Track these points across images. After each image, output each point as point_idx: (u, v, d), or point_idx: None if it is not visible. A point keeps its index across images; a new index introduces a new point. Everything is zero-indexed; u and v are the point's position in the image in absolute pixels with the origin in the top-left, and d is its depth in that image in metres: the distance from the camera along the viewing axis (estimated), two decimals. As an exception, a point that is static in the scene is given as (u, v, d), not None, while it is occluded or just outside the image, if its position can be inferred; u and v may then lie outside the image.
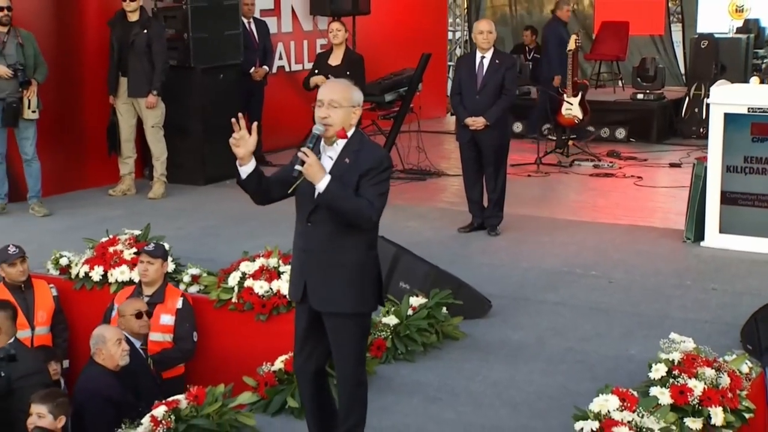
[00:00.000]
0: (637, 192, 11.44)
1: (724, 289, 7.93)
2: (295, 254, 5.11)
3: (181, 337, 7.51)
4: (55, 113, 10.84)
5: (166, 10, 11.49)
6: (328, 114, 4.88)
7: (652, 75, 14.79)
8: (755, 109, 8.72)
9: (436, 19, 17.05)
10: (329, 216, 4.85)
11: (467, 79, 9.34)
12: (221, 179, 11.65)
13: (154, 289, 7.56)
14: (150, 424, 5.31)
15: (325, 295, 4.94)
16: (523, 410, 5.97)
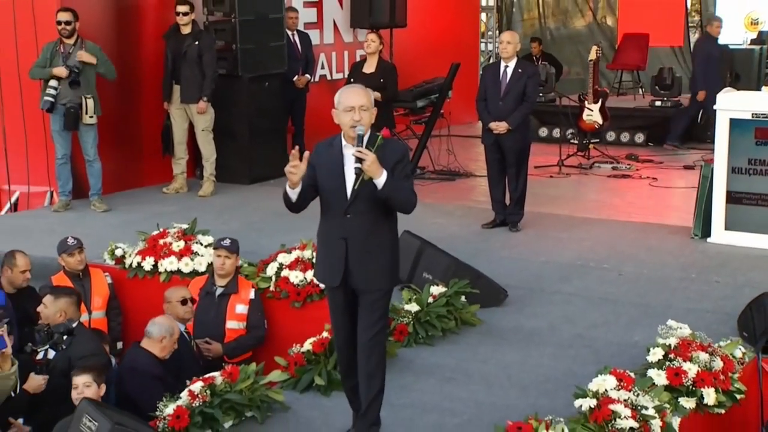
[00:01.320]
0: (652, 192, 11.43)
1: (726, 281, 7.94)
2: (329, 243, 5.24)
3: (255, 325, 7.66)
4: (116, 118, 11.01)
5: (216, 24, 11.60)
6: (361, 117, 5.03)
7: (670, 83, 14.74)
8: (759, 115, 8.73)
9: (469, 31, 17.11)
10: (365, 207, 5.07)
11: (492, 87, 9.41)
12: (265, 179, 11.80)
13: (228, 281, 7.70)
14: (188, 398, 5.44)
15: (367, 276, 5.15)
16: (531, 390, 6.05)
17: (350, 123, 5.04)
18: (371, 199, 5.05)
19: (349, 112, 5.06)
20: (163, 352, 6.56)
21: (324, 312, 7.33)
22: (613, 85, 16.50)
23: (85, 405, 4.97)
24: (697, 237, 9.08)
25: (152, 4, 11.59)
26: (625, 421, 5.07)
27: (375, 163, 4.91)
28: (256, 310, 7.68)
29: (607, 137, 13.99)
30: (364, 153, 4.91)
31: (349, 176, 5.08)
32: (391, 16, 13.82)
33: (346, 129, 5.10)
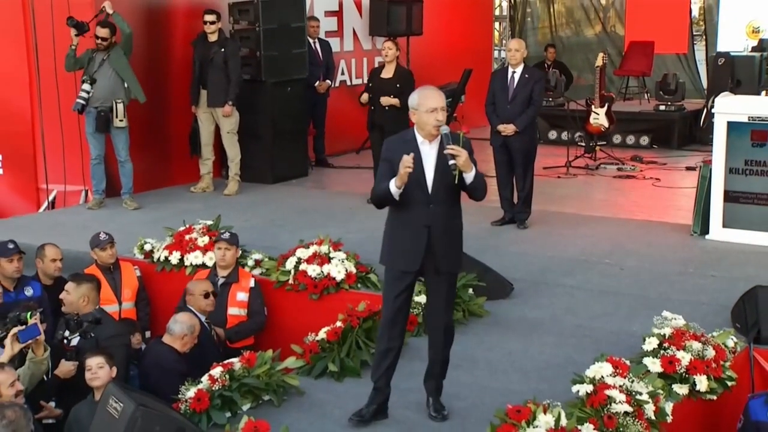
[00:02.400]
0: (655, 192, 11.42)
1: (722, 276, 7.95)
2: (410, 231, 5.36)
3: (256, 311, 7.77)
4: (146, 121, 11.09)
5: (241, 32, 11.67)
6: (442, 117, 5.26)
7: (674, 89, 14.71)
8: (754, 118, 8.74)
9: (482, 39, 17.12)
10: (445, 197, 5.33)
11: (500, 91, 9.46)
12: (287, 178, 11.90)
13: (229, 271, 7.80)
14: (208, 382, 5.52)
15: (448, 259, 5.41)
16: (533, 376, 6.10)
17: (434, 123, 5.22)
18: (449, 190, 5.31)
19: (432, 113, 5.23)
20: (184, 347, 6.61)
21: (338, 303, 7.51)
22: (620, 91, 16.47)
23: (111, 387, 5.06)
24: (696, 234, 9.09)
25: (181, 13, 11.67)
26: (619, 406, 5.11)
27: (468, 159, 5.17)
28: (257, 298, 7.78)
29: (614, 140, 13.99)
30: (458, 151, 5.13)
31: (428, 170, 5.27)
32: (408, 25, 13.88)
33: (428, 128, 5.25)
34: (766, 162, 8.71)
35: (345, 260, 7.77)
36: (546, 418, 4.83)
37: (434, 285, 5.47)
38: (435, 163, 5.28)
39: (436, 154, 5.30)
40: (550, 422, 4.81)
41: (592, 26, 19.17)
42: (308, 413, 5.63)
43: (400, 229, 5.41)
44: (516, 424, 4.83)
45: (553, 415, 4.86)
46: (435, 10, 14.69)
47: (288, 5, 12.01)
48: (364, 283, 7.71)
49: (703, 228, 9.06)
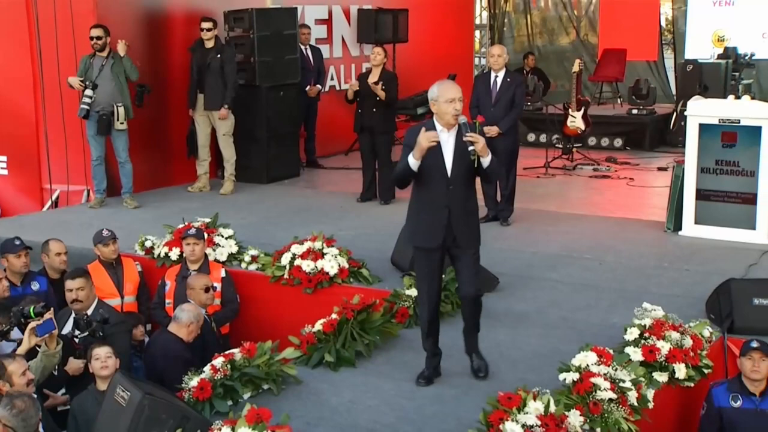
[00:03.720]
0: (629, 191, 11.41)
1: (696, 270, 7.94)
2: (432, 212, 5.55)
3: (230, 300, 7.70)
4: (145, 123, 11.00)
5: (236, 39, 11.59)
6: (460, 107, 5.45)
7: (645, 93, 14.72)
8: (725, 120, 8.73)
9: (464, 46, 17.09)
10: (462, 180, 5.52)
11: (483, 95, 9.41)
12: (281, 178, 11.85)
13: (199, 265, 7.71)
14: (210, 372, 5.44)
15: (467, 236, 5.61)
16: (520, 365, 6.05)
17: (452, 112, 5.42)
18: (466, 174, 5.51)
19: (450, 103, 5.41)
20: (190, 336, 6.54)
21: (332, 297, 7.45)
22: (594, 96, 16.46)
23: (118, 377, 4.98)
24: (669, 230, 9.08)
25: (179, 20, 11.58)
26: (604, 393, 5.08)
27: (485, 145, 5.38)
28: (229, 287, 7.71)
29: (589, 142, 13.98)
30: (476, 137, 5.36)
31: (447, 156, 5.45)
32: (394, 33, 13.86)
33: (447, 117, 5.44)
34: (735, 162, 8.70)
35: (338, 256, 7.70)
36: (536, 404, 4.78)
37: (460, 259, 5.66)
38: (453, 150, 5.47)
39: (454, 141, 5.49)
40: (540, 409, 4.77)
41: (567, 35, 19.17)
42: (306, 401, 5.56)
43: (422, 210, 5.62)
44: (507, 410, 4.77)
45: (542, 402, 4.81)
46: (419, 18, 14.65)
47: (281, 13, 11.99)
48: (356, 277, 7.65)
49: (676, 225, 9.04)
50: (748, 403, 5.49)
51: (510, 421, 4.69)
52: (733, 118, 8.69)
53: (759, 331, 6.31)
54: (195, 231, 7.78)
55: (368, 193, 10.56)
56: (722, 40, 16.33)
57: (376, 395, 5.64)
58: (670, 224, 9.09)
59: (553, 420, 4.73)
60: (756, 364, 5.44)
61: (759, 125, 8.59)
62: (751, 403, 5.49)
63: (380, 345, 6.31)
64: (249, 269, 8.03)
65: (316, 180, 12.29)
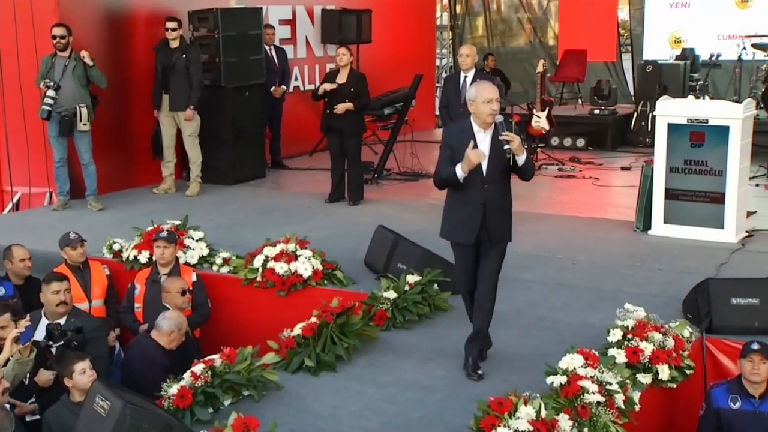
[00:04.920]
0: (595, 190, 11.37)
1: (668, 269, 7.88)
2: (468, 209, 5.65)
3: (201, 304, 7.50)
4: (109, 124, 10.74)
5: (201, 39, 11.35)
6: (497, 107, 5.55)
7: (607, 94, 14.75)
8: (693, 120, 8.69)
9: (426, 47, 16.97)
10: (498, 178, 5.62)
11: (453, 95, 9.31)
12: (247, 180, 11.65)
13: (169, 269, 7.50)
14: (190, 379, 5.25)
15: (500, 231, 5.74)
16: (503, 368, 5.93)
17: (489, 112, 5.51)
18: (501, 172, 5.61)
19: (488, 103, 5.51)
20: (171, 344, 6.33)
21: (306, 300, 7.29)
22: (555, 96, 16.44)
23: (97, 386, 4.77)
24: (639, 230, 9.03)
25: (142, 19, 11.31)
26: (592, 396, 4.97)
27: (521, 144, 5.51)
28: (200, 291, 7.51)
29: (552, 142, 13.93)
30: (512, 136, 5.46)
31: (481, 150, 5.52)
32: (358, 33, 13.70)
33: (483, 116, 5.53)
34: (704, 161, 8.66)
35: (311, 258, 7.54)
36: (527, 409, 4.67)
37: (488, 253, 5.75)
38: (489, 149, 5.56)
39: (490, 140, 5.59)
40: (531, 414, 4.65)
41: (520, 37, 19.14)
42: (288, 407, 5.39)
43: (459, 208, 5.71)
44: (498, 416, 4.65)
45: (533, 406, 4.69)
46: (382, 19, 14.49)
47: (245, 14, 11.77)
48: (330, 279, 7.49)
49: (645, 224, 9.00)
50: (747, 405, 5.41)
51: (502, 426, 4.57)
52: (702, 117, 8.65)
53: (737, 330, 6.28)
54: (166, 234, 7.57)
55: (336, 194, 10.39)
56: (679, 42, 16.44)
57: (359, 400, 5.49)
58: (640, 223, 9.04)
59: (545, 425, 4.62)
60: (756, 367, 5.35)
61: (726, 125, 8.57)
62: (750, 405, 5.41)
63: (360, 348, 6.15)
64: (221, 272, 7.84)
65: (282, 181, 12.10)
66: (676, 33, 16.61)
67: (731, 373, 6.17)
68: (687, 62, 15.08)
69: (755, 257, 8.17)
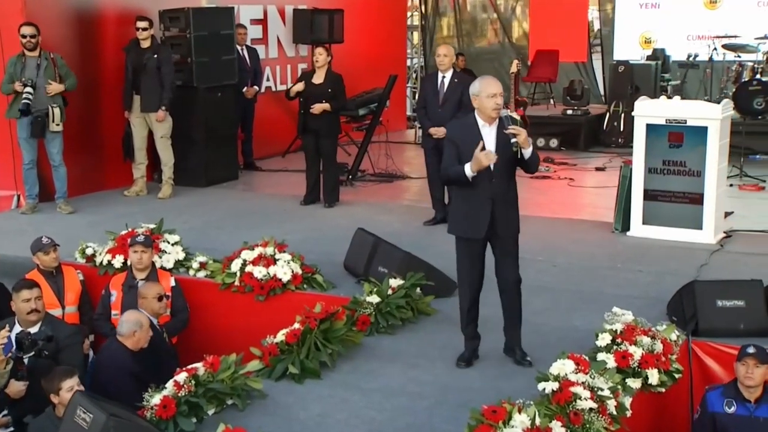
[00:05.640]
0: (571, 191, 11.32)
1: (649, 270, 7.84)
2: (476, 204, 5.66)
3: (180, 309, 7.37)
4: (79, 125, 10.53)
5: (172, 39, 11.18)
6: (501, 101, 5.55)
7: (580, 94, 14.73)
8: (671, 121, 8.67)
9: (397, 47, 16.88)
10: (504, 172, 5.61)
11: (431, 95, 9.20)
12: (220, 181, 11.48)
13: (146, 274, 7.35)
14: (173, 388, 5.10)
15: (508, 224, 5.75)
16: (491, 373, 5.83)
17: (493, 106, 5.52)
18: (507, 166, 5.61)
19: (492, 98, 5.52)
20: (138, 344, 6.19)
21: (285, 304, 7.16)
22: (528, 96, 16.39)
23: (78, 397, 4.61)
24: (617, 231, 8.99)
25: (112, 19, 11.11)
26: (585, 402, 4.88)
27: (527, 137, 5.50)
28: (179, 296, 7.38)
29: (525, 142, 13.86)
30: (518, 130, 5.45)
31: (489, 149, 5.52)
32: (330, 33, 13.57)
33: (488, 111, 5.55)
34: (682, 162, 8.63)
35: (290, 261, 7.41)
36: (521, 417, 4.57)
37: (500, 246, 5.80)
38: (495, 144, 5.56)
39: (495, 135, 5.58)
40: (526, 422, 4.55)
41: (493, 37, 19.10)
42: (274, 416, 5.26)
43: (466, 203, 5.71)
44: (493, 424, 4.55)
45: (528, 414, 4.60)
46: (354, 19, 14.37)
47: (217, 13, 11.61)
48: (310, 283, 7.37)
49: (624, 225, 8.96)
50: (743, 410, 5.34)
51: (496, 435, 4.47)
52: (680, 118, 8.63)
53: (723, 333, 6.24)
54: (143, 238, 7.40)
55: (312, 196, 10.26)
56: (649, 42, 16.50)
57: (346, 408, 5.36)
58: (618, 224, 9.00)
59: (539, 433, 4.53)
60: (750, 371, 5.29)
61: (705, 125, 8.55)
62: (745, 410, 5.35)
63: (343, 354, 6.02)
64: (197, 276, 7.69)
65: (255, 182, 11.95)
66: (646, 33, 16.67)
67: (717, 376, 6.14)
68: (658, 62, 15.13)
69: (734, 258, 8.15)
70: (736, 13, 15.59)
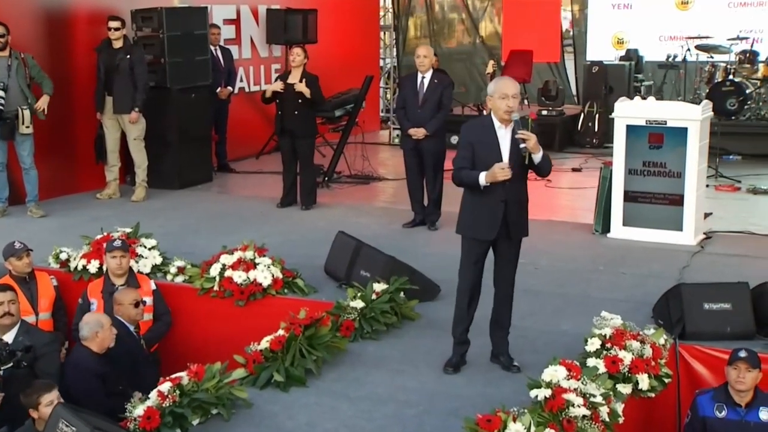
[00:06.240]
0: (549, 192, 11.21)
1: (632, 273, 7.80)
2: (489, 206, 5.62)
3: (163, 312, 7.24)
4: (50, 127, 10.28)
5: (145, 39, 10.99)
6: (514, 104, 5.48)
7: (554, 95, 14.70)
8: (651, 122, 8.63)
9: (370, 47, 16.77)
10: (517, 175, 5.54)
11: (410, 96, 9.10)
12: (194, 184, 11.32)
13: (125, 279, 7.17)
14: (157, 399, 4.96)
15: (519, 227, 5.76)
16: (478, 379, 5.74)
17: (504, 108, 5.46)
18: (520, 169, 5.56)
19: (503, 99, 5.46)
20: (104, 344, 6.02)
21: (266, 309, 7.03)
22: (500, 97, 16.33)
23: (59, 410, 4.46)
24: (598, 232, 8.95)
25: (83, 18, 10.91)
26: (578, 410, 4.80)
27: (536, 142, 5.47)
28: (160, 300, 7.25)
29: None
30: (528, 135, 5.42)
31: (504, 151, 5.51)
32: (304, 34, 13.42)
33: (500, 113, 5.49)
34: (662, 163, 8.60)
35: (271, 266, 7.27)
36: (516, 426, 4.48)
37: (505, 249, 5.78)
38: (510, 146, 5.53)
39: (510, 137, 5.54)
40: (521, 431, 4.46)
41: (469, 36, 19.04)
42: (260, 426, 5.13)
43: (479, 204, 5.66)
44: (488, 433, 4.45)
45: (523, 423, 4.51)
46: (327, 19, 14.24)
47: (190, 13, 11.45)
48: (291, 288, 7.24)
49: (604, 226, 8.92)
50: (733, 414, 5.29)
51: (492, 444, 4.37)
52: (660, 119, 8.60)
53: (710, 336, 6.18)
54: (120, 242, 7.24)
55: (288, 198, 10.13)
56: (622, 42, 16.52)
57: (333, 417, 5.24)
58: (599, 226, 8.96)
59: (534, 441, 4.44)
60: (741, 375, 5.24)
61: (685, 126, 8.52)
62: (736, 414, 5.29)
63: (329, 361, 5.90)
64: (175, 281, 7.53)
65: (230, 185, 11.78)
66: (618, 34, 16.68)
67: (704, 379, 6.09)
68: (632, 63, 15.15)
69: (716, 259, 8.13)
70: (707, 14, 15.64)
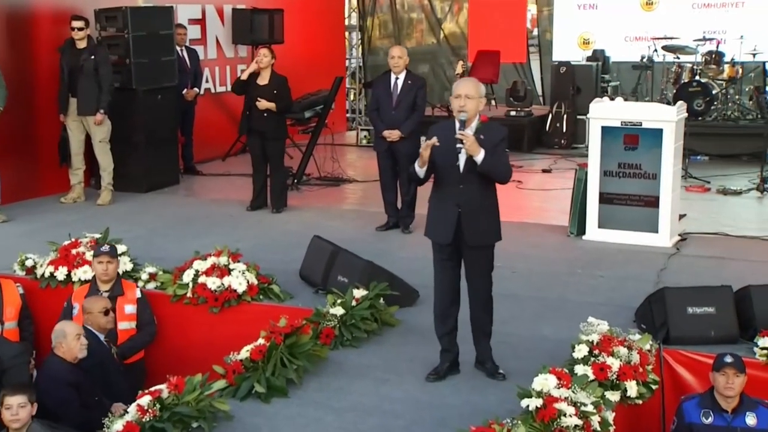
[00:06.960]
0: (520, 194, 11.15)
1: (609, 275, 7.73)
2: (444, 209, 5.52)
3: (147, 322, 7.06)
4: (12, 130, 10.07)
5: (110, 39, 10.74)
6: (465, 103, 5.34)
7: (523, 95, 14.66)
8: (626, 123, 8.59)
9: (336, 48, 16.64)
10: (475, 179, 5.40)
11: (384, 97, 8.97)
12: (160, 187, 11.10)
13: (111, 285, 7.00)
14: (137, 413, 4.78)
15: (477, 235, 5.53)
16: (463, 387, 5.62)
17: (458, 108, 5.36)
18: (476, 172, 5.37)
19: (456, 99, 5.37)
20: (73, 353, 5.88)
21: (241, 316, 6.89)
22: (467, 97, 16.25)
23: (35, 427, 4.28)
24: (573, 235, 8.89)
25: (46, 19, 10.64)
26: (569, 419, 4.70)
27: (474, 143, 5.26)
28: (145, 308, 7.06)
29: (468, 144, 13.73)
30: (465, 136, 5.27)
31: (462, 153, 5.34)
32: (270, 34, 13.26)
33: (455, 114, 5.39)
34: (638, 164, 8.55)
35: (246, 271, 7.11)
36: (510, 437, 4.37)
37: (470, 256, 5.61)
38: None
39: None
40: (515, 442, 4.36)
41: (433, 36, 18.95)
42: (242, 439, 4.98)
43: (437, 206, 5.60)
44: (482, 445, 4.34)
45: (517, 434, 4.40)
46: (293, 19, 14.06)
47: (156, 13, 11.24)
48: (267, 294, 7.08)
49: (579, 228, 8.86)
50: (720, 420, 5.20)
51: (486, 457, 4.26)
52: (635, 120, 8.55)
53: (694, 340, 6.11)
54: (109, 248, 7.07)
55: (258, 201, 9.95)
56: (587, 43, 16.52)
57: (318, 429, 5.10)
58: (574, 228, 8.89)
59: (529, 453, 4.34)
60: (730, 381, 5.15)
61: (660, 127, 8.49)
62: (722, 420, 5.20)
63: (310, 370, 5.75)
64: (147, 288, 7.33)
65: (197, 187, 11.57)
66: (584, 34, 16.67)
67: (689, 384, 6.02)
68: (599, 63, 15.16)
69: (692, 261, 8.10)
70: (671, 15, 15.68)
